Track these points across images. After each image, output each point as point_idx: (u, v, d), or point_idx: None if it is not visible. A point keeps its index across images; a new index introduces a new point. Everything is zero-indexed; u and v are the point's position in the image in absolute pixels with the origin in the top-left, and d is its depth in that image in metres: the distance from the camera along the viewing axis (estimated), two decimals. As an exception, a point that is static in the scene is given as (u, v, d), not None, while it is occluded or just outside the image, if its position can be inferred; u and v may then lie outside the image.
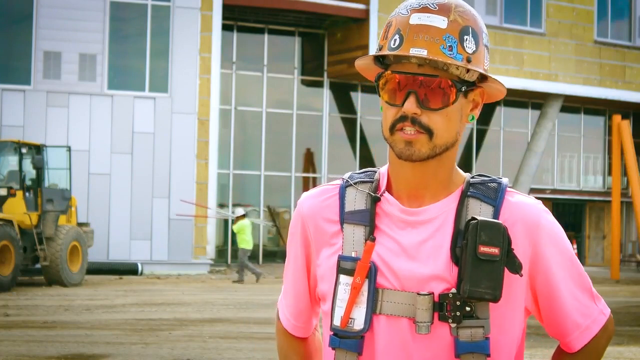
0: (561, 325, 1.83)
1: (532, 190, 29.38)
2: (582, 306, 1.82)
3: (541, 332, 11.76)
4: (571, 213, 32.38)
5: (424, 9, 1.74)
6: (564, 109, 30.51)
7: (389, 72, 1.77)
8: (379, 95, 1.80)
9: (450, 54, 1.73)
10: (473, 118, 1.82)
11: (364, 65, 1.86)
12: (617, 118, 25.71)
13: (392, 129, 1.75)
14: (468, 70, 1.76)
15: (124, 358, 9.53)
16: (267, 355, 9.76)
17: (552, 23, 29.38)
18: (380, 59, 1.81)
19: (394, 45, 1.76)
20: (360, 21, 26.11)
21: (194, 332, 11.67)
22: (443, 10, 1.74)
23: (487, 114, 30.67)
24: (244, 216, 21.73)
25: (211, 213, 22.57)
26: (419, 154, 1.74)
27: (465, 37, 1.74)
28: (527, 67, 28.74)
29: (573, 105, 31.27)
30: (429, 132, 1.74)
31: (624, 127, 25.25)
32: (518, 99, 30.51)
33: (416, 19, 1.74)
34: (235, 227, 21.61)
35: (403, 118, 1.74)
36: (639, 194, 24.69)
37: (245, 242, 21.41)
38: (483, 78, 1.81)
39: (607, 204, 31.10)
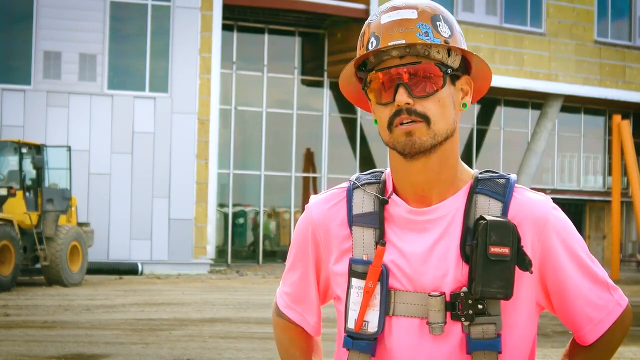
0: (574, 320, 1.84)
1: (532, 190, 29.33)
2: (596, 299, 1.83)
3: (541, 332, 11.75)
4: (571, 213, 32.35)
5: (392, 8, 1.79)
6: (564, 109, 30.51)
7: (372, 72, 1.78)
8: (368, 99, 1.81)
9: (428, 39, 1.76)
10: (466, 105, 1.83)
11: (346, 82, 1.87)
12: (617, 118, 25.69)
13: (390, 126, 1.76)
14: (449, 55, 1.78)
15: (124, 358, 9.54)
16: (267, 355, 9.76)
17: (552, 23, 29.38)
18: (362, 69, 1.82)
19: (371, 47, 1.78)
20: (360, 21, 26.08)
21: (194, 332, 11.67)
22: (410, 6, 1.78)
23: (487, 114, 30.68)
24: None
25: None
26: (420, 142, 1.74)
27: (438, 22, 1.78)
28: (527, 67, 28.73)
29: (573, 105, 31.27)
30: (426, 119, 1.75)
31: (624, 127, 25.24)
32: (518, 99, 30.52)
33: (387, 17, 1.78)
34: None
35: (398, 112, 1.75)
36: (639, 194, 24.68)
37: None
38: (467, 68, 1.83)
39: (607, 204, 31.09)
